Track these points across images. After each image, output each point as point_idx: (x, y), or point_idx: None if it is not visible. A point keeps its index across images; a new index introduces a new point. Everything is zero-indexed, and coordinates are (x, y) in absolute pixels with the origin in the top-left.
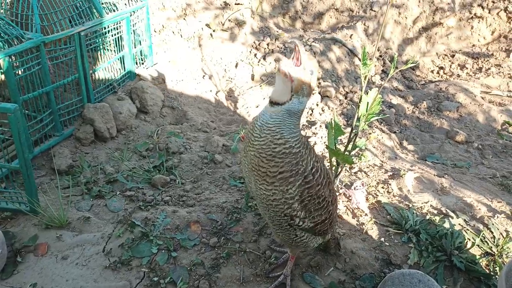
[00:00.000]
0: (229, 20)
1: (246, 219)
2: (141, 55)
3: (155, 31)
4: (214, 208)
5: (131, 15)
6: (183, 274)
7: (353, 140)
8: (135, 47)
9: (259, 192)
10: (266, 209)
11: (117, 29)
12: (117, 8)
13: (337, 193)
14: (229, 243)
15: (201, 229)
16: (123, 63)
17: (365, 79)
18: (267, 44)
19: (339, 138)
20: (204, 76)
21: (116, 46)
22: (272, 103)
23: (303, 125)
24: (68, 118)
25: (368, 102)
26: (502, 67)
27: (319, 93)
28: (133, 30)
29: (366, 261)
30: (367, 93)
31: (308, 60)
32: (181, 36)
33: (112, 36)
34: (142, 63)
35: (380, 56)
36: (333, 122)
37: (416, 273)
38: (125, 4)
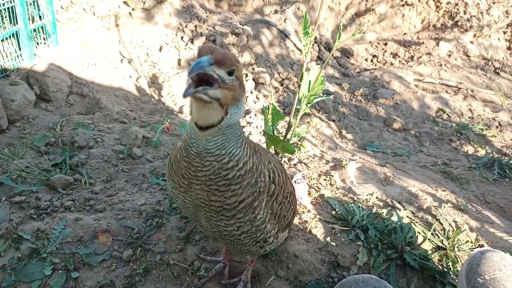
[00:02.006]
0: None
1: (170, 223)
2: (44, 34)
3: (62, 8)
4: (130, 213)
5: None
6: None
7: (294, 125)
8: (32, 22)
9: (216, 229)
10: (230, 243)
11: None
12: None
13: None
14: (148, 255)
15: (112, 240)
16: (18, 41)
17: (307, 51)
18: (195, 27)
19: (276, 125)
20: (122, 60)
21: (8, 19)
22: (202, 127)
23: None
24: None
25: (310, 81)
26: (432, 56)
27: (253, 79)
28: (32, 1)
29: (311, 266)
30: (309, 71)
31: (226, 58)
32: (94, 14)
33: (0, 6)
34: (44, 43)
35: (315, 42)
36: (270, 106)
37: (370, 279)
38: None
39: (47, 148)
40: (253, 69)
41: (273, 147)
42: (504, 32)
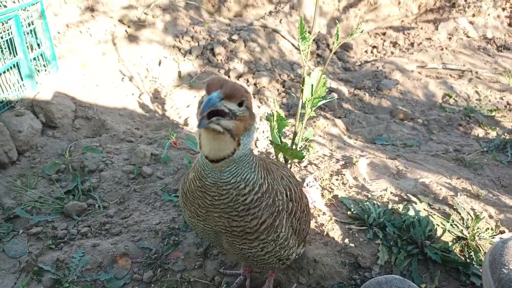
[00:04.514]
0: (145, 13)
1: (186, 240)
2: (44, 61)
3: (59, 33)
4: (146, 233)
5: (21, 12)
6: None
7: (300, 131)
8: (32, 51)
9: (239, 252)
10: (253, 263)
11: (5, 30)
12: (1, 5)
13: None
14: (168, 274)
15: (131, 263)
16: (19, 71)
17: (305, 56)
18: (191, 37)
19: (282, 130)
20: (123, 78)
21: (8, 51)
22: (214, 161)
23: None
24: None
25: (312, 85)
26: (432, 40)
27: (254, 84)
28: (30, 31)
29: (332, 269)
30: (310, 75)
31: (234, 90)
32: (91, 36)
33: None
34: (45, 70)
35: (313, 40)
36: (274, 113)
37: (393, 280)
38: (13, 1)
39: (58, 176)
40: (253, 73)
41: (281, 154)
42: (504, 9)
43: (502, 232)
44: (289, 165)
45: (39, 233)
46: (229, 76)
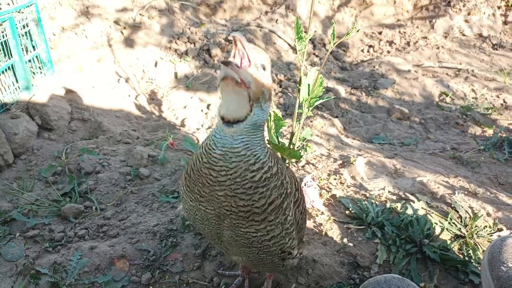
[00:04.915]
0: (141, 14)
1: (185, 242)
2: (39, 63)
3: (54, 35)
4: (144, 235)
5: (16, 15)
6: None
7: (297, 131)
8: (27, 53)
9: (243, 238)
10: (254, 252)
11: (0, 32)
12: None
13: None
14: (166, 276)
15: (129, 265)
16: (15, 74)
17: (302, 56)
18: (188, 38)
19: (280, 130)
20: (119, 80)
21: (3, 53)
22: (229, 122)
23: None
24: None
25: (309, 84)
26: (428, 39)
27: None
28: (25, 33)
29: (331, 269)
30: (306, 75)
31: (256, 52)
32: (87, 38)
33: None
34: (41, 72)
35: (309, 39)
36: (271, 113)
37: (392, 279)
38: (8, 4)
39: (54, 178)
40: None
41: (279, 154)
42: (499, 7)
43: (500, 230)
44: (286, 165)
45: (36, 236)
46: None
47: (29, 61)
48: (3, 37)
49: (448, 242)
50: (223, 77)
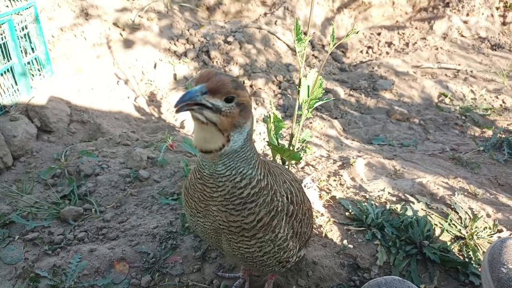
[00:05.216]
0: (140, 16)
1: (184, 244)
2: (38, 65)
3: (53, 37)
4: (144, 237)
5: (15, 17)
6: None
7: (297, 132)
8: (26, 55)
9: (238, 252)
10: (253, 265)
11: None
12: None
13: None
14: (166, 278)
15: (129, 268)
16: (14, 76)
17: (302, 58)
18: (187, 40)
19: (279, 132)
20: (118, 81)
21: (2, 55)
22: (205, 152)
23: None
24: None
25: (308, 86)
26: (427, 40)
27: (250, 85)
28: (23, 35)
29: (331, 271)
30: (306, 76)
31: (220, 79)
32: (86, 39)
33: None
34: (40, 74)
35: (308, 41)
36: (271, 115)
37: (393, 281)
38: (7, 6)
39: (54, 180)
40: (249, 75)
41: (279, 155)
42: (497, 8)
43: (500, 231)
44: (286, 167)
45: (35, 239)
46: None
47: (28, 63)
48: (2, 39)
49: (448, 243)
50: (189, 110)
